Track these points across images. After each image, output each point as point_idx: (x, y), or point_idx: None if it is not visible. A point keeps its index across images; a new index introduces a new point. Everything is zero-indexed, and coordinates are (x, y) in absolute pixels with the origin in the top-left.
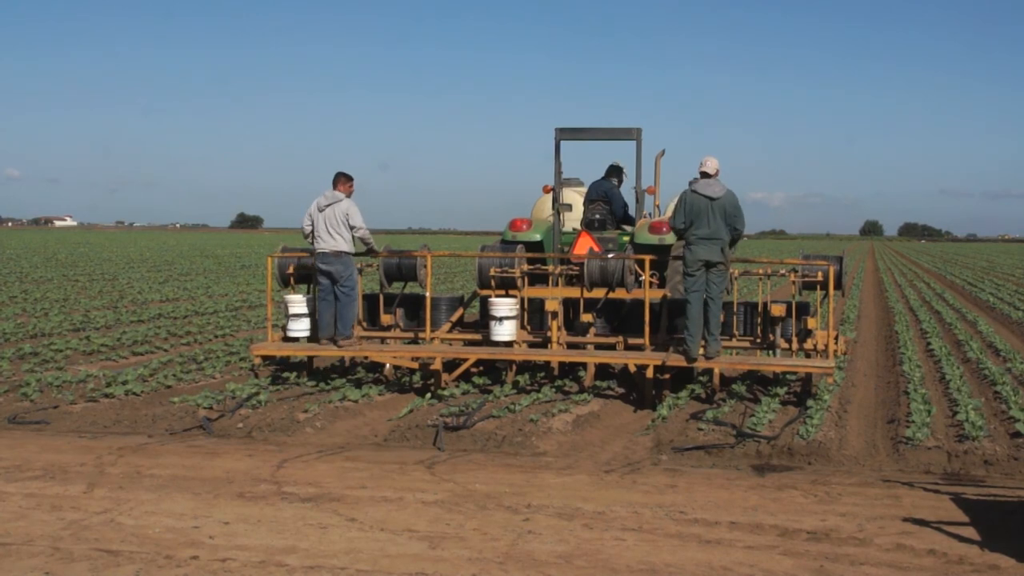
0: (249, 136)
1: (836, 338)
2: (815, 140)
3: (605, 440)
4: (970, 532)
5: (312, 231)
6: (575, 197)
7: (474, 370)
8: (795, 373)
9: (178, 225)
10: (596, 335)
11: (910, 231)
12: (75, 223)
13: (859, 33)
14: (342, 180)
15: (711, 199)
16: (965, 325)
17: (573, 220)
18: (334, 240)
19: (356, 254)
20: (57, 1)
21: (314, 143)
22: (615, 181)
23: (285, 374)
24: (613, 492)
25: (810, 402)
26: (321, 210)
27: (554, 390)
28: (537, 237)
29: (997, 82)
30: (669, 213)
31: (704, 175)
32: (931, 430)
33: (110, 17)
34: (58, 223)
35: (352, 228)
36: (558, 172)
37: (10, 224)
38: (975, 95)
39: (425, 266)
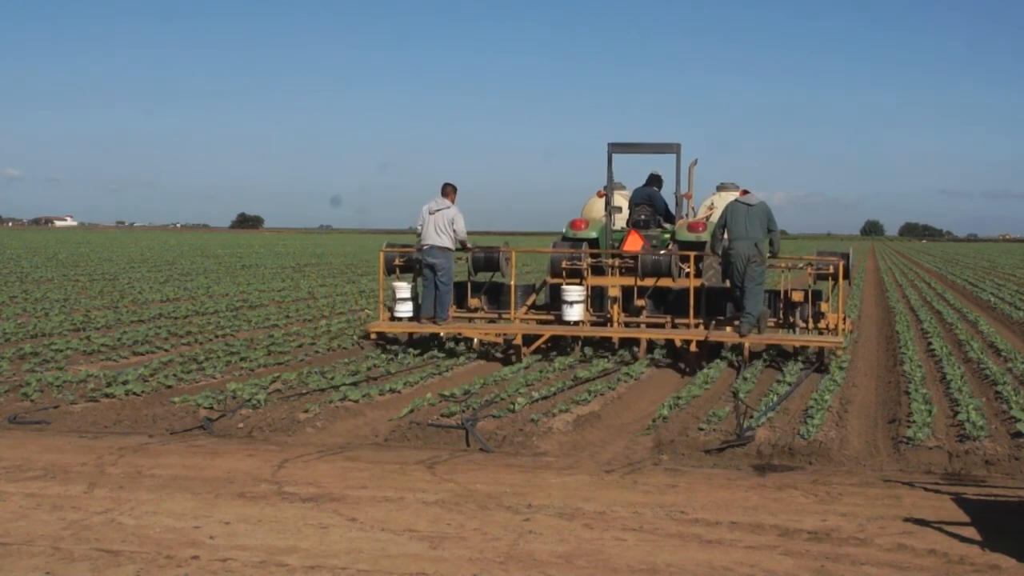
0: (249, 136)
1: (844, 319)
2: (815, 140)
3: (606, 440)
4: (971, 532)
5: (422, 230)
6: (621, 200)
7: (545, 345)
8: (811, 347)
9: (179, 225)
10: (648, 316)
11: (911, 231)
12: (75, 223)
13: (859, 33)
14: (449, 190)
15: (749, 205)
16: (966, 325)
17: (620, 219)
18: (440, 238)
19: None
20: (57, 1)
21: (314, 143)
22: (656, 187)
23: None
24: (614, 492)
25: (810, 401)
26: (432, 213)
27: (615, 360)
28: (594, 235)
29: (997, 82)
30: (702, 214)
31: (745, 192)
32: (932, 430)
33: (110, 17)
34: (59, 223)
35: (456, 232)
36: (610, 179)
37: (10, 224)
38: (975, 95)
39: (508, 259)
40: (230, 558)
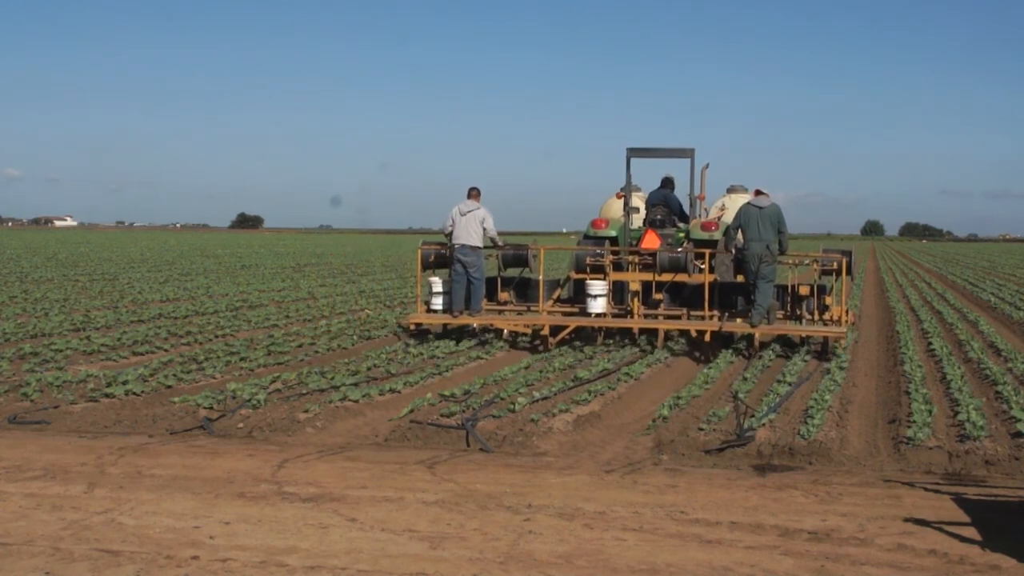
0: (249, 136)
1: (847, 312)
2: (815, 140)
3: (606, 440)
4: (971, 532)
5: (452, 230)
6: (638, 201)
7: (569, 336)
8: (816, 337)
9: (178, 225)
10: (665, 308)
11: (911, 231)
12: (75, 223)
13: (859, 33)
14: (474, 193)
15: (760, 208)
16: (966, 325)
17: (637, 219)
18: (471, 237)
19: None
20: (57, 1)
21: (314, 143)
22: (669, 188)
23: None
24: (614, 492)
25: (810, 401)
26: (463, 215)
27: (635, 349)
28: (613, 233)
29: (997, 82)
30: (713, 214)
31: (759, 193)
32: (932, 430)
33: (110, 17)
34: (58, 223)
35: (486, 230)
36: (628, 182)
37: (10, 224)
38: (975, 95)
39: (536, 255)
40: (230, 558)
